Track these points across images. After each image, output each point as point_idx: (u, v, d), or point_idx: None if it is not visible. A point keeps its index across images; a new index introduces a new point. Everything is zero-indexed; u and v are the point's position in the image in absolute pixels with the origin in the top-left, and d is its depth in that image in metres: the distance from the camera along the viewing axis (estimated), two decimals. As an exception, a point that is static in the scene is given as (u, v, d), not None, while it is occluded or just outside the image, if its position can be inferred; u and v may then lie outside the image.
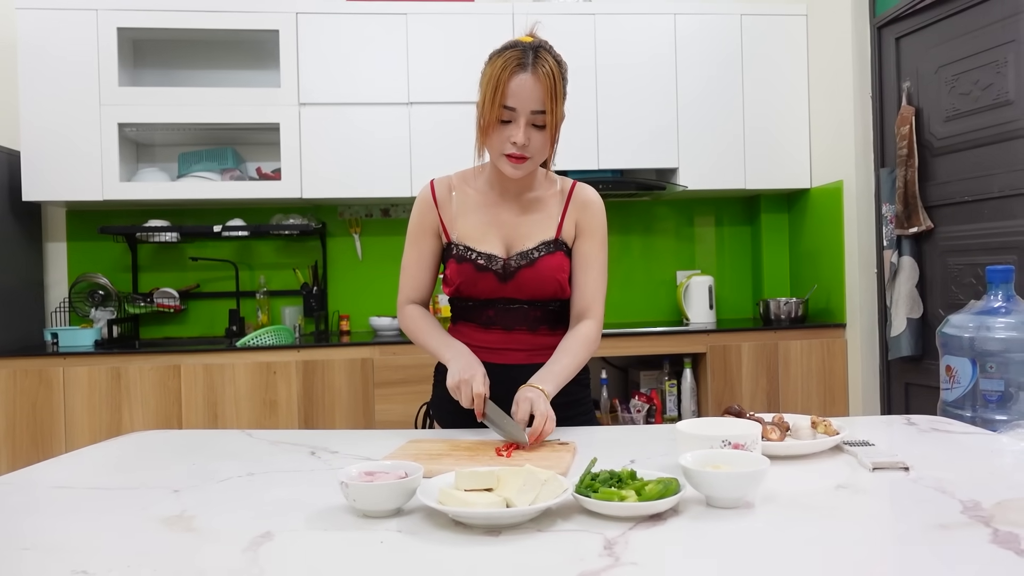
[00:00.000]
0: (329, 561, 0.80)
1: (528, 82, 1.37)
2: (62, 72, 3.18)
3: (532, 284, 1.50)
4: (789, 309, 3.47)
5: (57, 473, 1.20)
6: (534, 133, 1.41)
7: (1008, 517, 0.87)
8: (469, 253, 1.50)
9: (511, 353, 1.54)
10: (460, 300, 1.57)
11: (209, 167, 3.47)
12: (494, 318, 1.54)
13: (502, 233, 1.52)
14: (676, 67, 3.49)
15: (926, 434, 1.35)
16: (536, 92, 1.37)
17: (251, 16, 3.28)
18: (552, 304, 1.55)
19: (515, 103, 1.38)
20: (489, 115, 1.39)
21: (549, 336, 1.56)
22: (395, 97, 3.35)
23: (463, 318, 1.59)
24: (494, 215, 1.53)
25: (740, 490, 0.94)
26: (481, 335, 1.55)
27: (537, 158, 1.45)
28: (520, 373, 1.51)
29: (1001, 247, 2.58)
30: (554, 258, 1.50)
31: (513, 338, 1.54)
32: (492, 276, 1.50)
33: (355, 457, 1.26)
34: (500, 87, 1.37)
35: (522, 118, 1.39)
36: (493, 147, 1.44)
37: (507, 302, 1.52)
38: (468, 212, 1.53)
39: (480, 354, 1.53)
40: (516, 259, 1.50)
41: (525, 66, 1.37)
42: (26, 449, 2.95)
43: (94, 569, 0.78)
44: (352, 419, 3.09)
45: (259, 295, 3.57)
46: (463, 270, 1.50)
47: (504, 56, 1.39)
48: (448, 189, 1.56)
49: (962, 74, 2.71)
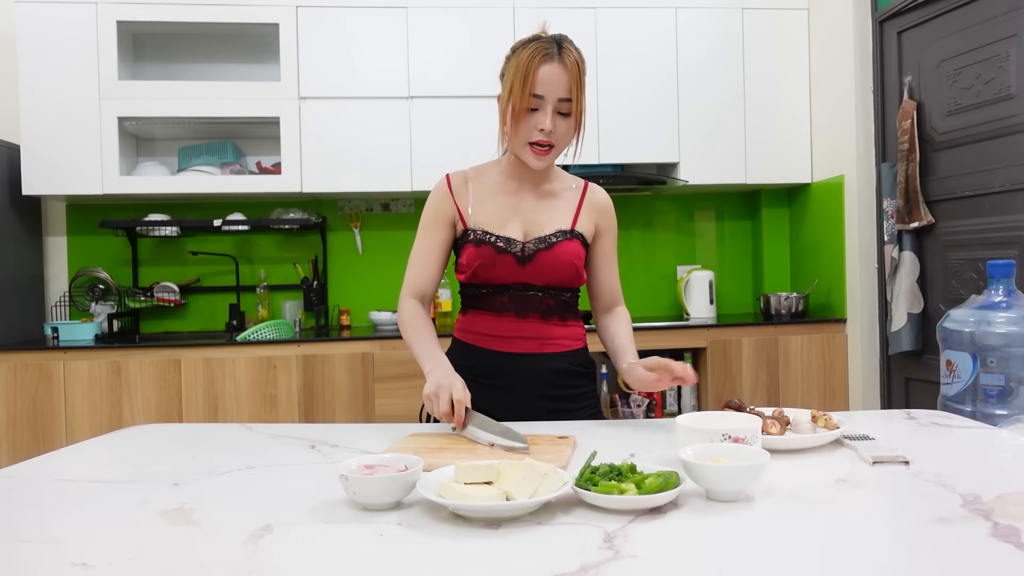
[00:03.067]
0: (329, 554, 0.81)
1: (556, 71, 1.42)
2: (62, 66, 3.18)
3: (550, 268, 1.52)
4: (790, 304, 3.46)
5: (57, 466, 1.21)
6: (559, 121, 1.46)
7: (1008, 511, 0.87)
8: (488, 236, 1.52)
9: (523, 342, 1.55)
10: (474, 287, 1.57)
11: (209, 161, 3.47)
12: (508, 304, 1.54)
13: (520, 219, 1.55)
14: (677, 61, 3.49)
15: (926, 428, 1.35)
16: (563, 80, 1.43)
17: (251, 9, 3.27)
18: (565, 293, 1.57)
19: (543, 91, 1.43)
20: (519, 103, 1.43)
21: (560, 327, 1.57)
22: (395, 91, 3.34)
23: (475, 306, 1.59)
24: (512, 203, 1.56)
25: (740, 484, 0.94)
26: (493, 323, 1.56)
27: (559, 147, 1.49)
28: (531, 363, 1.54)
29: (1002, 242, 2.58)
30: (571, 244, 1.54)
31: (526, 326, 1.54)
32: (511, 259, 1.51)
33: (355, 450, 1.26)
34: (529, 76, 1.42)
35: (549, 106, 1.44)
36: (519, 136, 1.47)
37: (523, 288, 1.53)
38: (486, 200, 1.57)
39: (491, 343, 1.55)
40: (535, 243, 1.52)
41: (552, 56, 1.43)
42: (26, 443, 2.96)
43: (94, 562, 0.78)
44: (352, 414, 3.09)
45: (259, 289, 3.57)
46: (482, 252, 1.51)
47: (531, 47, 1.44)
48: (464, 180, 1.60)
49: (963, 68, 2.71)
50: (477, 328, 1.57)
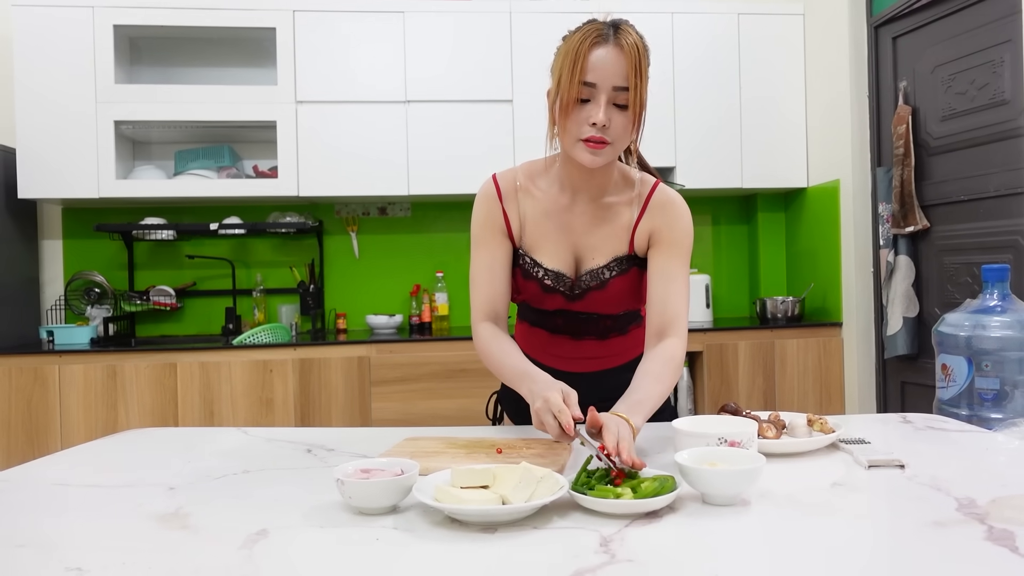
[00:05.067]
0: (324, 558, 0.80)
1: (611, 54, 1.23)
2: (58, 69, 3.17)
3: (603, 303, 1.40)
4: (785, 308, 3.47)
5: (52, 470, 1.20)
6: (615, 114, 1.25)
7: (1003, 514, 0.87)
8: (536, 271, 1.38)
9: (580, 362, 1.46)
10: (526, 305, 1.49)
11: (206, 165, 3.47)
12: (562, 327, 1.45)
13: (571, 242, 1.38)
14: (673, 66, 3.49)
15: (922, 432, 1.35)
16: (619, 66, 1.23)
17: (248, 14, 3.27)
18: (625, 314, 1.46)
19: (595, 78, 1.22)
20: (568, 93, 1.23)
21: (620, 340, 1.47)
22: (392, 95, 3.34)
23: (528, 319, 1.51)
24: (564, 222, 1.37)
25: (736, 487, 0.94)
26: (547, 341, 1.48)
27: (618, 145, 1.27)
28: (589, 381, 1.44)
29: (997, 246, 2.59)
30: (627, 279, 1.38)
31: (582, 347, 1.45)
32: (560, 297, 1.40)
33: (351, 454, 1.25)
34: (580, 61, 1.22)
35: (602, 95, 1.23)
36: (569, 133, 1.26)
37: (576, 314, 1.43)
38: (536, 216, 1.38)
39: (547, 359, 1.45)
40: (586, 279, 1.37)
41: (607, 38, 1.24)
42: (21, 447, 2.95)
43: (89, 566, 0.78)
44: (348, 417, 3.08)
45: (256, 293, 3.57)
46: (528, 287, 1.40)
47: (582, 30, 1.26)
48: (513, 185, 1.40)
49: (959, 73, 2.72)
50: (532, 341, 1.49)
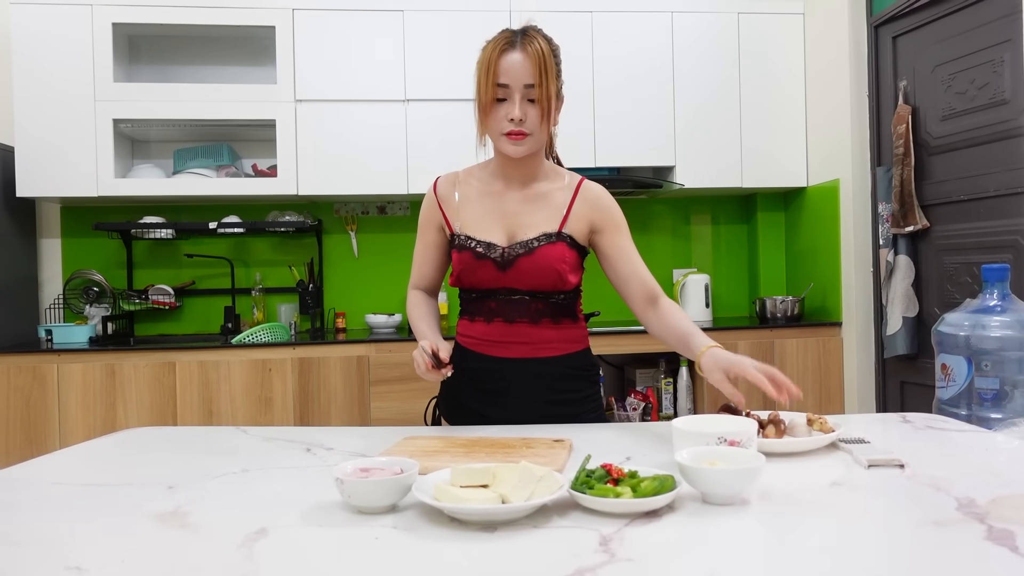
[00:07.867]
0: (324, 557, 0.80)
1: (517, 58, 1.42)
2: (57, 67, 3.17)
3: (531, 273, 1.49)
4: (785, 307, 3.47)
5: (51, 469, 1.20)
6: (530, 109, 1.44)
7: (1002, 514, 0.87)
8: (469, 242, 1.52)
9: (514, 346, 1.54)
10: (465, 292, 1.59)
11: (205, 163, 3.46)
12: (496, 310, 1.54)
13: (504, 223, 1.53)
14: (673, 65, 3.49)
15: (921, 432, 1.35)
16: (526, 67, 1.42)
17: (247, 12, 3.27)
18: (555, 296, 1.54)
19: (507, 79, 1.42)
20: (485, 95, 1.44)
21: (552, 329, 1.55)
22: (392, 94, 3.34)
23: (468, 311, 1.60)
24: (497, 205, 1.54)
25: (736, 487, 0.94)
26: (484, 328, 1.56)
27: (537, 136, 1.46)
28: (522, 368, 1.53)
29: (997, 246, 2.59)
30: (554, 248, 1.49)
31: (515, 331, 1.53)
32: (491, 264, 1.50)
33: (350, 453, 1.25)
34: (492, 66, 1.43)
35: (516, 94, 1.43)
36: (493, 129, 1.47)
37: (508, 292, 1.52)
38: (471, 203, 1.56)
39: (485, 348, 1.55)
40: (515, 247, 1.50)
41: (514, 44, 1.44)
42: (20, 446, 2.94)
43: (88, 565, 0.78)
44: (348, 417, 3.08)
45: (255, 292, 3.57)
46: (462, 258, 1.52)
47: (495, 39, 1.46)
48: (452, 184, 1.59)
49: (959, 73, 2.72)
50: (471, 333, 1.58)
